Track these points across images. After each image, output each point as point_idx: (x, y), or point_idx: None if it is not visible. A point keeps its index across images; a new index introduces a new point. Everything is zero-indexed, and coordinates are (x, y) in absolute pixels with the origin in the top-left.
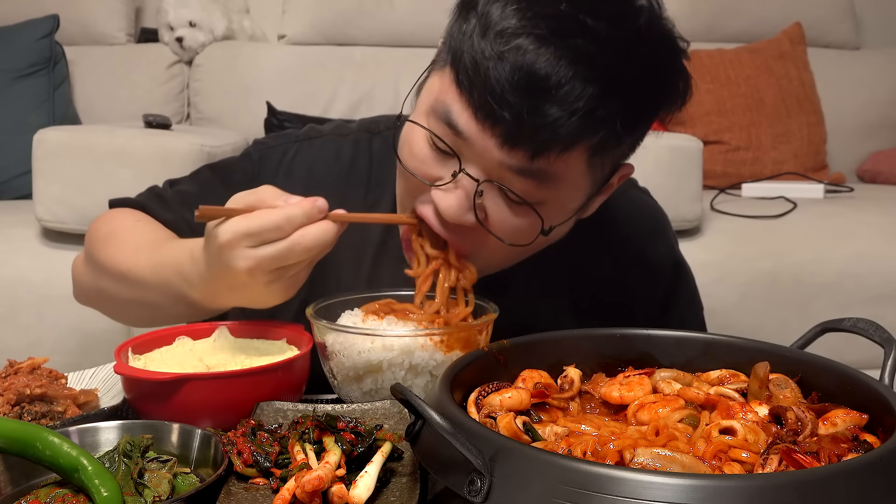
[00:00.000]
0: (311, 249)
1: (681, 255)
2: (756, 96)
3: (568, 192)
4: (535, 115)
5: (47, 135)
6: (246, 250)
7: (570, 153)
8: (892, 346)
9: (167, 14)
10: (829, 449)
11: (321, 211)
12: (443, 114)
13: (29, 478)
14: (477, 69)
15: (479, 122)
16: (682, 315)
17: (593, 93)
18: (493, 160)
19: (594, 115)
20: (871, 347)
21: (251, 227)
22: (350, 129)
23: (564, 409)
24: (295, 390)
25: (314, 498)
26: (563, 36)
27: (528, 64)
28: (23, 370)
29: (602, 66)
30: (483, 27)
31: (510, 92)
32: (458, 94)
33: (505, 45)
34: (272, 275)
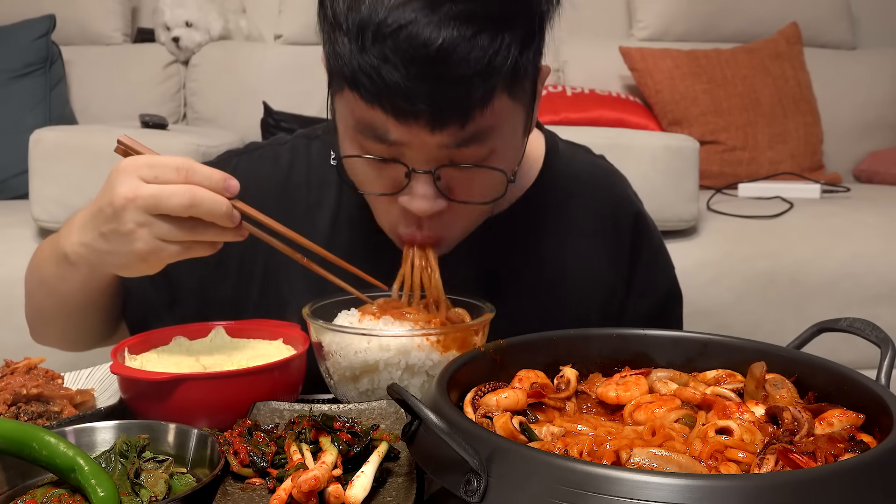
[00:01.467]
0: (195, 204)
1: (643, 209)
2: (752, 96)
3: (508, 129)
4: (445, 91)
5: (44, 135)
6: (135, 179)
7: (492, 103)
8: (888, 346)
9: (163, 14)
10: (826, 449)
11: (228, 189)
12: (369, 132)
13: (25, 478)
14: (374, 82)
15: (402, 122)
16: (648, 269)
17: (483, 43)
18: (432, 147)
19: (494, 61)
20: (868, 347)
21: (154, 160)
22: (287, 138)
23: (561, 409)
24: (291, 390)
25: (311, 498)
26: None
27: (415, 51)
28: (19, 370)
29: (477, 14)
30: (357, 39)
31: (413, 84)
32: (370, 109)
33: (385, 45)
34: (144, 216)
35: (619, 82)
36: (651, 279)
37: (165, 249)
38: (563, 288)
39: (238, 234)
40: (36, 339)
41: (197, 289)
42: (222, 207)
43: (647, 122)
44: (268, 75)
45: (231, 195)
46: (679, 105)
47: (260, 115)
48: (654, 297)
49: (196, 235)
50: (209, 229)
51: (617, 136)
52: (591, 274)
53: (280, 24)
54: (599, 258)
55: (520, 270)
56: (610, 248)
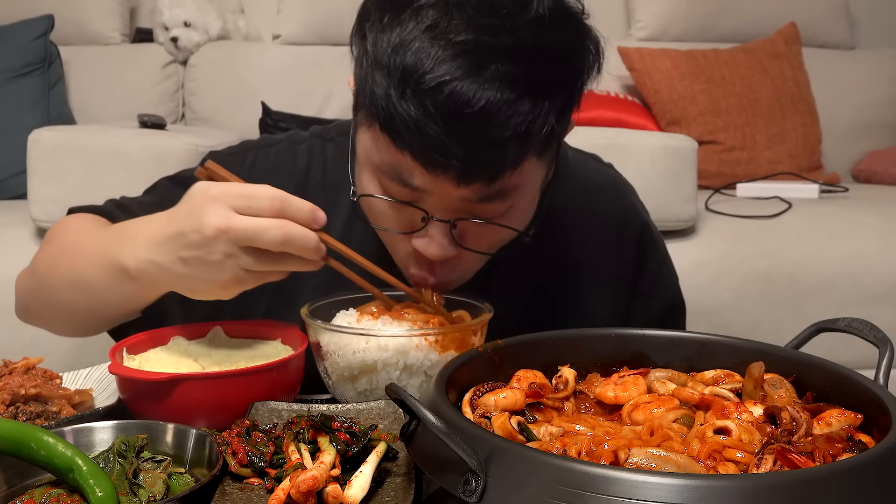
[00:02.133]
0: (288, 241)
1: (649, 220)
2: (751, 96)
3: (531, 187)
4: (480, 150)
5: (42, 135)
6: (228, 209)
7: (523, 164)
8: (886, 346)
9: (162, 14)
10: (824, 449)
11: (316, 221)
12: (393, 174)
13: (23, 478)
14: (409, 130)
15: (430, 173)
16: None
17: (524, 108)
18: (455, 198)
19: (532, 127)
20: (866, 347)
21: (248, 191)
22: (303, 136)
23: (559, 409)
24: (290, 390)
25: (309, 498)
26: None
27: (457, 109)
28: (17, 370)
29: (523, 79)
30: (399, 87)
31: (450, 141)
32: (400, 154)
33: (428, 98)
34: (235, 249)
35: (618, 82)
36: (655, 290)
37: (248, 280)
38: (566, 294)
39: (318, 265)
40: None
41: None
42: (312, 242)
43: (645, 122)
44: (266, 75)
45: (319, 227)
46: (677, 105)
47: (258, 115)
48: (658, 307)
49: (280, 267)
50: (293, 261)
51: (615, 136)
52: (596, 282)
53: (278, 25)
54: (604, 267)
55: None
56: (615, 258)
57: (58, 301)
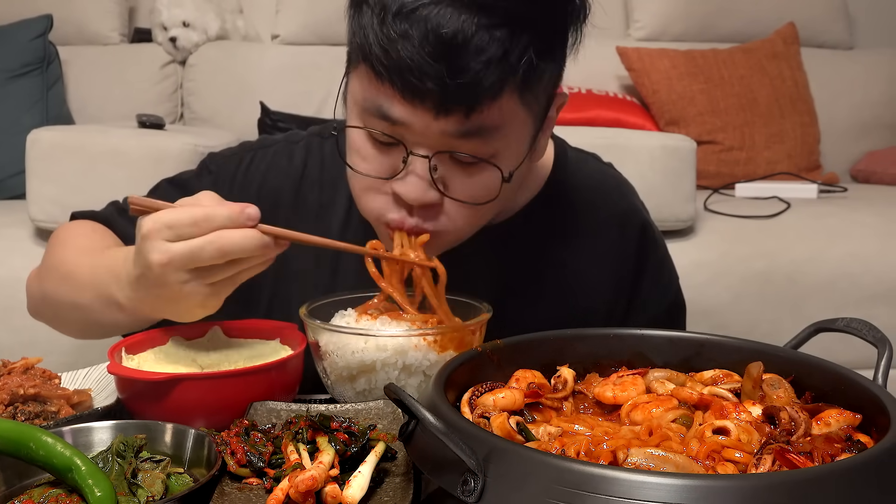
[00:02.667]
0: (226, 252)
1: (649, 219)
2: (749, 96)
3: (513, 135)
4: (456, 75)
5: (41, 135)
6: (162, 243)
7: (501, 100)
8: (885, 346)
9: (161, 14)
10: (823, 449)
11: (249, 218)
12: (374, 109)
13: (22, 478)
14: (388, 54)
15: (408, 102)
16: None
17: (501, 36)
18: (434, 133)
19: (509, 57)
20: (865, 347)
21: (171, 219)
22: (301, 135)
23: (558, 409)
24: (288, 390)
25: (308, 498)
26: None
27: (432, 31)
28: (16, 370)
29: (501, 8)
30: (379, 14)
31: (425, 63)
32: (380, 84)
33: (405, 21)
34: (186, 275)
35: (617, 82)
36: (655, 290)
37: (220, 290)
38: (566, 294)
39: (279, 247)
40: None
41: None
42: (252, 242)
43: (644, 122)
44: (265, 75)
45: (254, 223)
46: (676, 105)
47: (257, 115)
48: (658, 307)
49: (235, 270)
50: (245, 262)
51: (614, 136)
52: (596, 281)
53: (277, 25)
54: (604, 266)
55: (525, 275)
56: (615, 257)
57: (63, 317)
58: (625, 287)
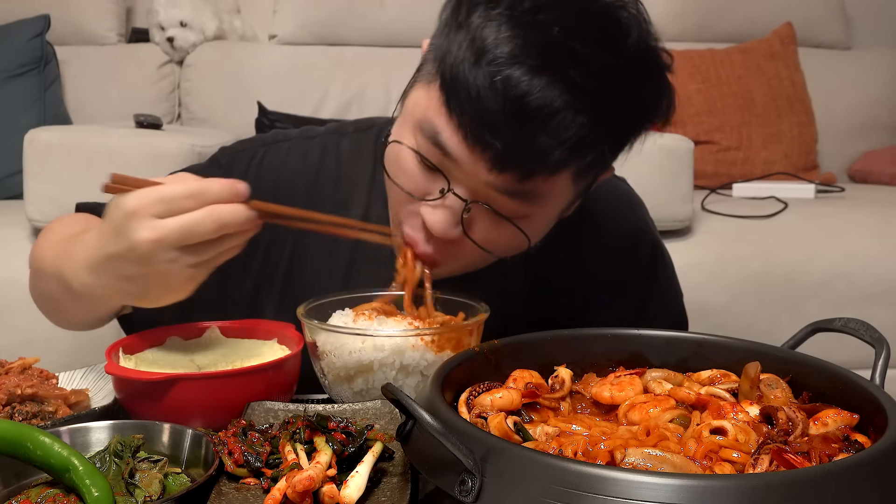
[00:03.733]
0: (224, 224)
1: (659, 237)
2: (747, 96)
3: (552, 206)
4: (526, 143)
5: (38, 135)
6: (152, 220)
7: (558, 176)
8: (882, 345)
9: (158, 14)
10: (820, 449)
11: (238, 194)
12: (431, 133)
13: (20, 478)
14: (468, 95)
15: (469, 146)
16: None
17: (583, 122)
18: (481, 181)
19: (583, 143)
20: (862, 347)
21: (164, 193)
22: (318, 132)
23: (555, 409)
24: (286, 390)
25: (305, 498)
26: (554, 66)
27: (520, 94)
28: (14, 370)
29: (592, 95)
30: (475, 52)
31: (502, 121)
32: (448, 116)
33: (497, 73)
34: (174, 253)
35: None
36: (662, 308)
37: (199, 274)
38: (572, 306)
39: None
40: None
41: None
42: (243, 216)
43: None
44: (262, 75)
45: (244, 199)
46: None
47: (254, 115)
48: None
49: (222, 248)
50: (232, 238)
51: None
52: (602, 296)
53: (275, 25)
54: (614, 282)
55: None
56: (625, 274)
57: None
58: (633, 304)
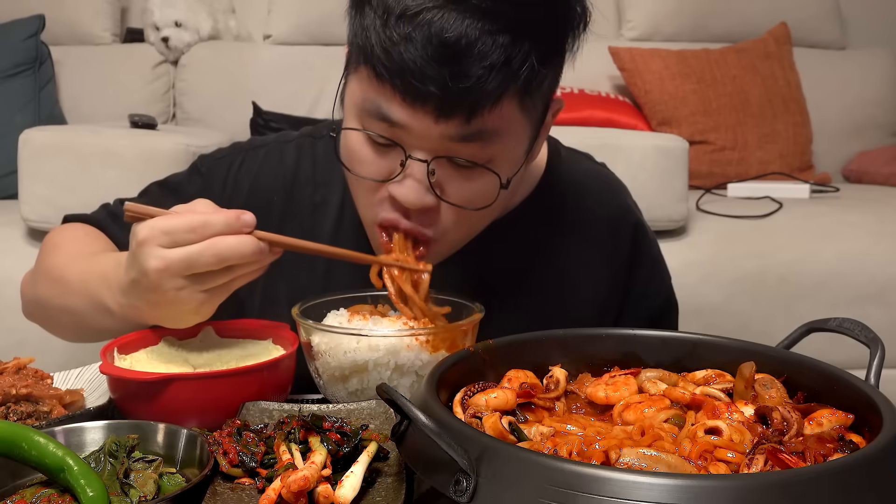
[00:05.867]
0: (223, 258)
1: (642, 219)
2: (742, 96)
3: (511, 141)
4: (458, 79)
5: (33, 135)
6: (158, 249)
7: (501, 105)
8: (877, 346)
9: (153, 14)
10: (815, 449)
11: (246, 225)
12: (374, 110)
13: (14, 478)
14: (390, 56)
15: (409, 105)
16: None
17: (504, 42)
18: (434, 136)
19: (511, 63)
20: (857, 347)
21: (168, 225)
22: (293, 135)
23: (550, 409)
24: (280, 390)
25: (300, 498)
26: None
27: (436, 34)
28: (8, 370)
29: (504, 14)
30: (382, 16)
31: (428, 66)
32: (381, 86)
33: (409, 24)
34: (182, 281)
35: (609, 82)
36: (648, 289)
37: (214, 297)
38: (560, 293)
39: (274, 254)
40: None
41: None
42: (249, 248)
43: (636, 122)
44: (257, 75)
45: (250, 229)
46: (668, 105)
47: (249, 115)
48: (651, 306)
49: (231, 276)
50: (241, 268)
51: (606, 136)
52: (589, 281)
53: (269, 25)
54: (598, 266)
55: (518, 274)
56: (608, 257)
57: (55, 320)
58: (618, 287)
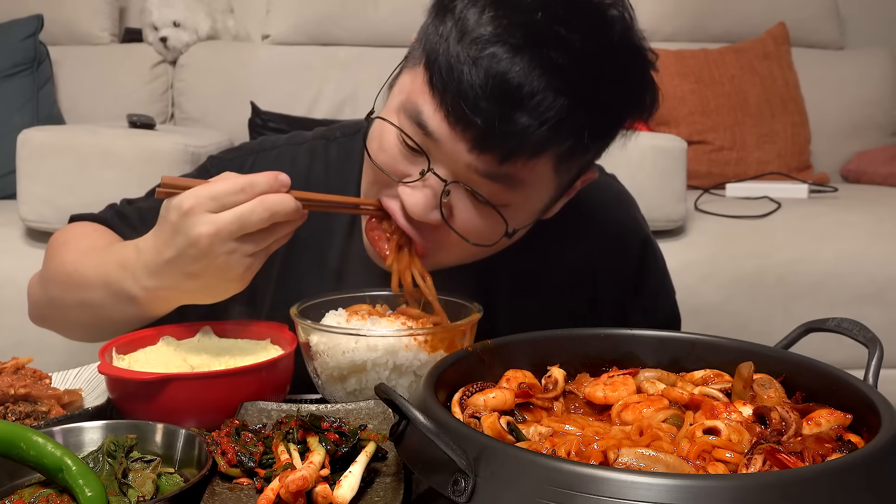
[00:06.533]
0: (274, 213)
1: (650, 234)
2: (740, 96)
3: (534, 195)
4: (506, 122)
5: (31, 135)
6: (207, 215)
7: (538, 160)
8: (876, 346)
9: (151, 14)
10: (814, 449)
11: (283, 185)
12: (414, 113)
13: (13, 478)
14: (451, 72)
15: (451, 125)
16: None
17: (564, 104)
18: (462, 162)
19: (563, 125)
20: (855, 347)
21: (215, 190)
22: (306, 137)
23: (548, 409)
24: (279, 390)
25: (298, 498)
26: (537, 46)
27: (501, 72)
28: (7, 370)
29: (574, 78)
30: (459, 31)
31: (483, 98)
32: (431, 95)
33: (480, 51)
34: (232, 244)
35: None
36: (654, 305)
37: (255, 262)
38: (563, 303)
39: (303, 217)
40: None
41: None
42: (291, 204)
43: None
44: (256, 75)
45: (288, 188)
46: (667, 105)
47: (248, 115)
48: (654, 322)
49: (275, 236)
50: (282, 226)
51: None
52: (594, 292)
53: (268, 24)
54: (605, 279)
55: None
56: (616, 271)
57: (70, 318)
58: (624, 301)
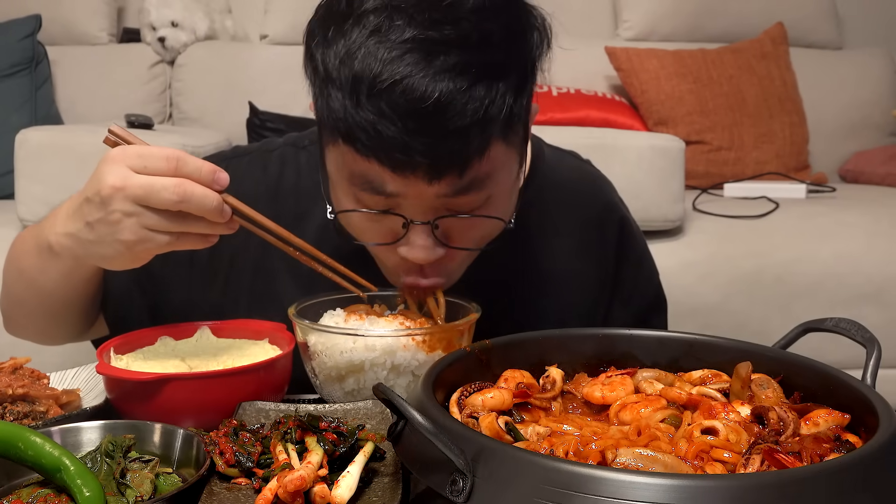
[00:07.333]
0: (185, 199)
1: (628, 214)
2: (738, 96)
3: (504, 175)
4: (442, 143)
5: (29, 135)
6: (124, 168)
7: (489, 149)
8: (874, 346)
9: (149, 14)
10: (812, 449)
11: (217, 182)
12: (365, 185)
13: (11, 478)
14: (370, 136)
15: (400, 176)
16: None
17: (479, 93)
18: (430, 197)
19: (490, 111)
20: (854, 347)
21: (145, 150)
22: (276, 144)
23: (546, 409)
24: (277, 390)
25: (296, 498)
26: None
27: (412, 105)
28: (5, 370)
29: (472, 65)
30: (352, 96)
31: (411, 139)
32: (367, 162)
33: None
34: (132, 207)
35: (605, 82)
36: (636, 286)
37: (153, 240)
38: (547, 293)
39: (229, 227)
40: (9, 330)
41: (184, 292)
42: (212, 202)
43: (632, 122)
44: (254, 75)
45: (221, 188)
46: (665, 105)
47: (246, 115)
48: (639, 303)
49: (185, 227)
50: (199, 222)
51: (603, 136)
52: (576, 280)
53: (266, 25)
54: (585, 264)
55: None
56: (595, 254)
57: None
58: (607, 283)
